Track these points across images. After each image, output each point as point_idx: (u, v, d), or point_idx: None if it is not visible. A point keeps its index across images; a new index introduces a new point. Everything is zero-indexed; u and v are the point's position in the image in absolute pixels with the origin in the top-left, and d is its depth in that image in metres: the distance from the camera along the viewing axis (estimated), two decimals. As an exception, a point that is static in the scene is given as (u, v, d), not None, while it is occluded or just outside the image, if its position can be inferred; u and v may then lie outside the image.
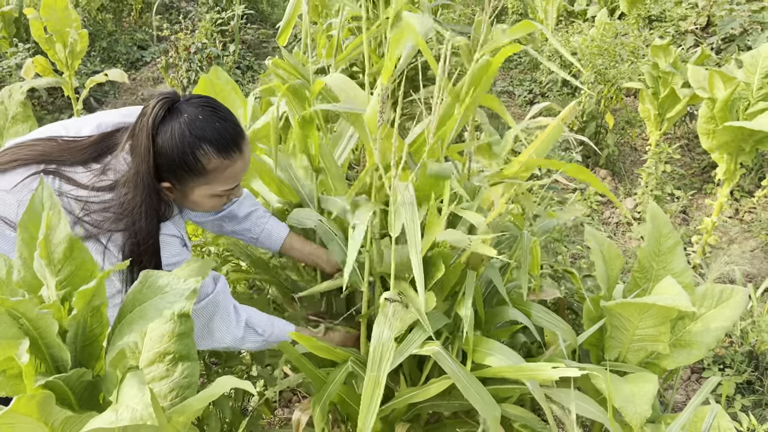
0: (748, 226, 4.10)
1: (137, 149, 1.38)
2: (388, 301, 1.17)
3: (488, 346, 1.29)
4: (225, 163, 1.40)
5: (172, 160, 1.37)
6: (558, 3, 5.94)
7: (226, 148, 1.40)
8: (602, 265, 1.63)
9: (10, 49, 4.92)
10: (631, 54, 4.70)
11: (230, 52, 5.89)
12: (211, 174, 1.41)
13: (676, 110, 4.12)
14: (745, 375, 2.74)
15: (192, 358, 1.18)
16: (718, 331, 1.59)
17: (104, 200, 1.38)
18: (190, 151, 1.37)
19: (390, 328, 1.12)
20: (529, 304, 1.44)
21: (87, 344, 1.01)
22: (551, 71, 5.66)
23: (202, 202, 1.48)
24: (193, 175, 1.40)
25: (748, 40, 5.68)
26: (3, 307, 0.78)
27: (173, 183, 1.42)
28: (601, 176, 4.65)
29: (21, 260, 0.92)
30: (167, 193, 1.44)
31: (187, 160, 1.37)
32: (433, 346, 1.19)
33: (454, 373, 1.19)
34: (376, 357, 1.14)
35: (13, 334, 0.80)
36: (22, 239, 0.92)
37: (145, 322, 0.90)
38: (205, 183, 1.42)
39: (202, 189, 1.44)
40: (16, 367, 1.01)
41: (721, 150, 3.31)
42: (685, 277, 1.59)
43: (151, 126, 1.36)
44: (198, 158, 1.38)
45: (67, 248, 0.89)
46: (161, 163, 1.38)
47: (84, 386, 1.04)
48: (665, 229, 1.66)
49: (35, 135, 1.51)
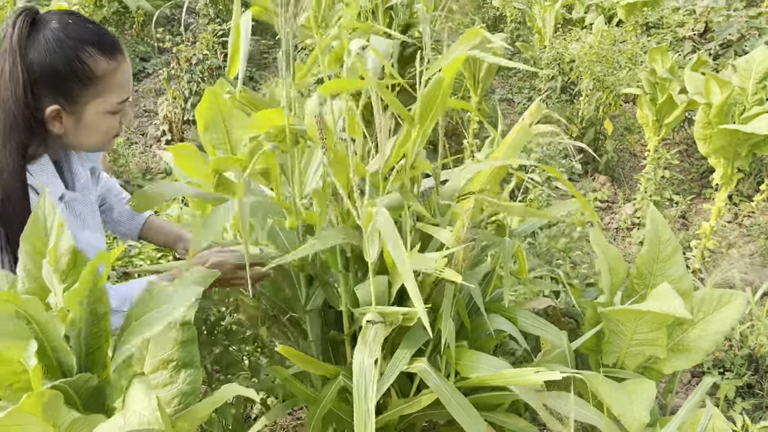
0: (747, 230, 4.12)
1: (4, 67, 1.21)
2: (370, 324, 1.15)
3: (474, 358, 1.30)
4: (112, 65, 1.27)
5: (55, 71, 1.22)
6: (556, 11, 5.98)
7: (110, 49, 1.28)
8: (606, 272, 1.64)
9: None
10: (629, 61, 4.74)
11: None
12: (101, 81, 1.26)
13: (674, 116, 4.15)
14: (744, 378, 2.76)
15: (195, 365, 1.20)
16: (717, 335, 1.60)
17: None
18: (74, 54, 1.22)
19: (370, 354, 1.11)
20: (514, 310, 1.44)
21: (91, 351, 1.04)
22: (550, 78, 5.70)
23: (98, 124, 1.31)
24: (82, 85, 1.25)
25: (745, 45, 5.71)
26: (13, 306, 0.81)
27: (62, 104, 1.25)
28: (601, 182, 4.68)
29: (25, 272, 0.95)
30: (56, 123, 1.27)
31: (73, 67, 1.22)
32: (420, 364, 1.20)
33: (440, 389, 1.20)
34: (360, 387, 1.11)
35: (23, 334, 0.83)
36: (25, 251, 0.95)
37: (150, 330, 0.93)
38: (96, 95, 1.27)
39: (96, 103, 1.28)
40: (23, 381, 1.04)
41: (717, 154, 3.34)
42: (684, 283, 1.60)
43: (17, 41, 1.20)
44: (84, 61, 1.23)
45: (71, 260, 0.92)
46: (42, 81, 1.22)
47: (90, 392, 1.06)
48: (665, 235, 1.67)
49: None
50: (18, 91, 1.20)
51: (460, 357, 1.32)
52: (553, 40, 5.82)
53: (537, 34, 6.24)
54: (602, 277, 1.64)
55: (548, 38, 5.98)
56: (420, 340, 1.26)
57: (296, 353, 1.32)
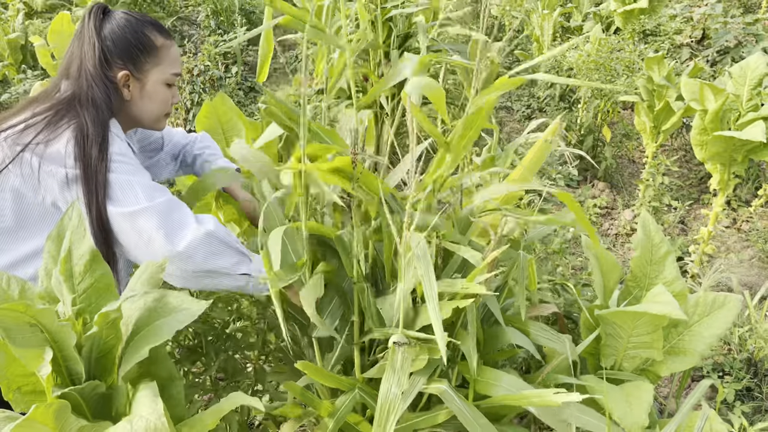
0: (746, 235, 4.15)
1: (81, 48, 1.51)
2: (397, 345, 1.14)
3: (490, 376, 1.31)
4: (168, 42, 1.60)
5: (126, 41, 1.52)
6: (554, 19, 6.03)
7: (165, 30, 1.61)
8: (599, 276, 1.67)
9: (17, 75, 5.02)
10: (627, 68, 4.78)
11: (233, 73, 5.99)
12: (159, 52, 1.57)
13: (671, 122, 4.19)
14: (744, 382, 2.78)
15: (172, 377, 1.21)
16: (712, 338, 1.63)
17: (46, 116, 1.45)
18: (140, 29, 1.54)
19: (398, 384, 1.10)
20: (527, 323, 1.45)
21: (101, 356, 1.07)
22: (549, 86, 5.74)
23: (156, 93, 1.59)
24: (146, 53, 1.55)
25: (742, 52, 5.76)
26: (27, 316, 0.84)
27: (130, 70, 1.54)
28: (600, 188, 4.71)
29: (45, 272, 0.98)
30: (124, 90, 1.54)
31: (140, 38, 1.54)
32: (440, 385, 1.21)
33: (460, 411, 1.20)
34: (382, 415, 1.11)
35: (39, 342, 0.85)
36: (48, 252, 0.98)
37: (159, 339, 0.95)
38: (156, 63, 1.57)
39: (156, 71, 1.57)
40: (31, 384, 1.07)
41: (714, 160, 3.37)
42: (677, 285, 1.64)
43: (94, 23, 1.51)
44: (147, 35, 1.55)
45: (89, 261, 0.95)
46: (115, 50, 1.51)
47: (97, 398, 1.09)
48: (657, 238, 1.71)
49: None
50: (96, 61, 1.49)
51: (480, 374, 1.32)
52: (551, 48, 5.87)
53: (535, 42, 6.29)
54: (596, 280, 1.67)
55: (547, 46, 6.03)
56: (437, 361, 1.25)
57: (315, 368, 1.32)
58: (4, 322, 0.84)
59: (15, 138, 1.42)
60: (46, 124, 1.43)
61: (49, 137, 1.41)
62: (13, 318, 0.83)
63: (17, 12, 6.56)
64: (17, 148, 1.40)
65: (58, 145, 1.40)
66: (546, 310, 1.71)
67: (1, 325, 0.84)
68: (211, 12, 6.64)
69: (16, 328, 0.84)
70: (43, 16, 6.88)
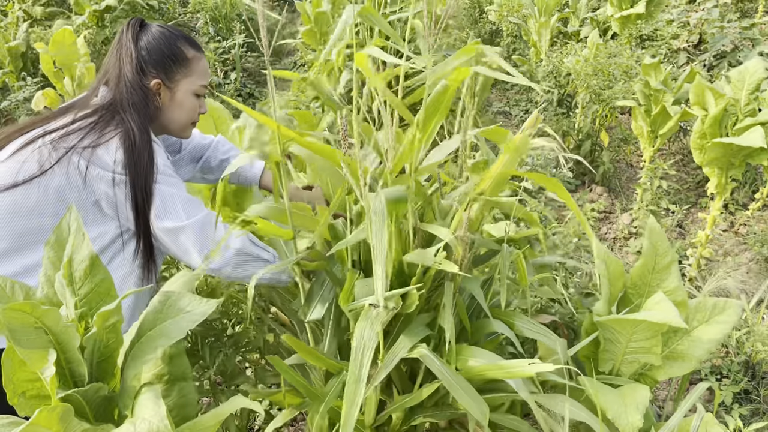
0: (743, 238, 4.16)
1: (119, 57, 1.63)
2: (372, 307, 1.20)
3: (470, 353, 1.33)
4: (198, 55, 1.71)
5: (160, 51, 1.64)
6: (552, 25, 6.06)
7: (196, 44, 1.72)
8: (606, 283, 1.67)
9: (17, 82, 5.04)
10: (624, 73, 4.80)
11: (232, 80, 6.02)
12: (190, 64, 1.69)
13: (668, 127, 4.21)
14: (741, 384, 2.79)
15: (186, 377, 1.23)
16: (710, 343, 1.63)
17: (91, 121, 1.56)
18: (174, 41, 1.66)
19: (371, 327, 1.14)
20: (512, 314, 1.48)
21: (102, 360, 1.08)
22: (547, 91, 5.76)
23: (185, 102, 1.70)
24: (178, 64, 1.67)
25: (739, 56, 5.78)
26: (32, 317, 0.85)
27: (162, 79, 1.65)
28: (598, 193, 4.73)
29: (46, 277, 1.00)
30: (156, 93, 1.65)
31: (173, 49, 1.65)
32: (421, 349, 1.23)
33: (441, 372, 1.23)
34: (357, 354, 1.14)
35: (43, 344, 0.87)
36: (48, 258, 1.00)
37: (168, 340, 0.96)
38: (187, 74, 1.68)
39: (187, 82, 1.69)
40: (35, 389, 1.08)
41: (712, 165, 3.39)
42: (679, 293, 1.63)
43: (132, 34, 1.64)
44: (179, 47, 1.67)
45: (89, 266, 0.96)
46: (150, 60, 1.63)
47: (100, 401, 1.10)
48: (662, 247, 1.70)
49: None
50: (133, 69, 1.61)
51: (459, 353, 1.35)
52: (549, 53, 5.90)
53: (533, 47, 6.32)
54: (602, 287, 1.67)
55: (544, 52, 6.06)
56: (420, 334, 1.30)
57: (301, 344, 1.36)
58: (10, 323, 0.85)
59: (58, 141, 1.51)
60: (90, 129, 1.54)
61: (96, 141, 1.52)
62: (18, 319, 0.85)
63: (17, 20, 6.59)
64: (62, 151, 1.50)
65: (107, 150, 1.52)
66: (544, 320, 1.72)
67: (8, 327, 0.85)
68: (210, 19, 6.67)
69: (21, 330, 0.85)
70: (43, 24, 6.91)
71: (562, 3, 7.11)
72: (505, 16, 6.81)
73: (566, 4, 7.21)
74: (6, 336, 0.87)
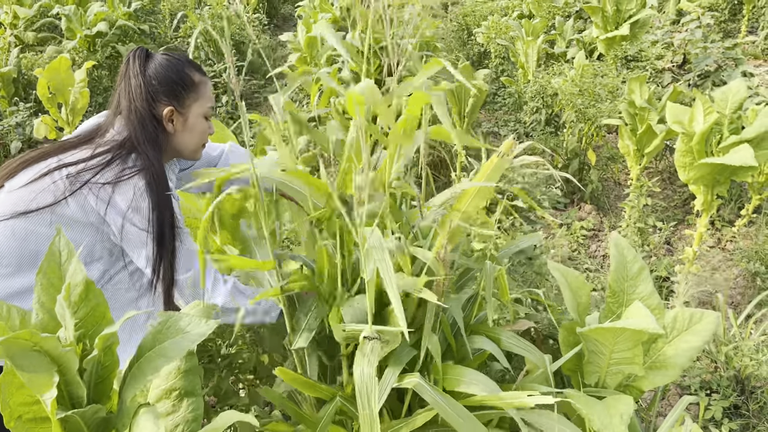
0: (730, 254, 4.22)
1: (128, 88, 1.66)
2: (367, 340, 1.22)
3: (459, 373, 1.36)
4: (204, 78, 1.77)
5: (169, 79, 1.68)
6: (538, 46, 6.16)
7: (200, 68, 1.78)
8: (569, 294, 1.73)
9: (9, 108, 5.07)
10: (610, 93, 4.89)
11: (223, 103, 6.07)
12: (198, 87, 1.73)
13: (654, 145, 4.28)
14: (731, 399, 2.82)
15: (197, 393, 1.26)
16: (691, 351, 1.68)
17: (109, 158, 1.60)
18: (181, 68, 1.71)
19: (369, 364, 1.17)
20: (497, 331, 1.51)
21: (100, 381, 1.10)
22: (535, 111, 5.85)
23: (196, 125, 1.75)
24: (188, 89, 1.71)
25: (722, 75, 5.90)
26: (31, 343, 0.88)
27: (174, 106, 1.69)
28: (587, 211, 4.78)
29: (39, 304, 1.02)
30: (169, 123, 1.69)
31: (181, 76, 1.70)
32: (413, 378, 1.25)
33: (435, 401, 1.25)
34: (363, 395, 1.17)
35: (46, 368, 0.89)
36: (41, 284, 1.02)
37: (167, 360, 0.99)
38: (196, 98, 1.73)
39: (197, 106, 1.73)
40: (32, 412, 1.10)
41: (697, 182, 3.45)
42: (653, 300, 1.69)
43: (139, 65, 1.67)
44: (187, 73, 1.71)
45: (83, 291, 0.99)
46: (160, 89, 1.67)
47: (98, 423, 1.12)
48: (629, 255, 1.76)
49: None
50: (143, 100, 1.65)
51: (447, 372, 1.38)
52: (536, 74, 5.99)
53: (521, 68, 6.41)
54: (565, 298, 1.73)
55: (532, 73, 6.15)
56: (405, 358, 1.32)
57: (294, 375, 1.37)
58: (10, 350, 0.88)
59: (75, 177, 1.56)
60: (107, 165, 1.58)
61: (115, 180, 1.56)
62: (18, 345, 0.88)
63: (8, 45, 6.64)
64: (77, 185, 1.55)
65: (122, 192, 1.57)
66: (523, 326, 1.76)
67: (7, 353, 0.88)
68: (201, 42, 6.74)
69: (21, 354, 0.88)
70: (34, 49, 6.96)
71: (548, 25, 7.24)
72: (493, 38, 6.92)
73: (553, 26, 7.33)
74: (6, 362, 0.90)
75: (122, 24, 6.88)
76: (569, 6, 7.93)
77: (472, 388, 1.32)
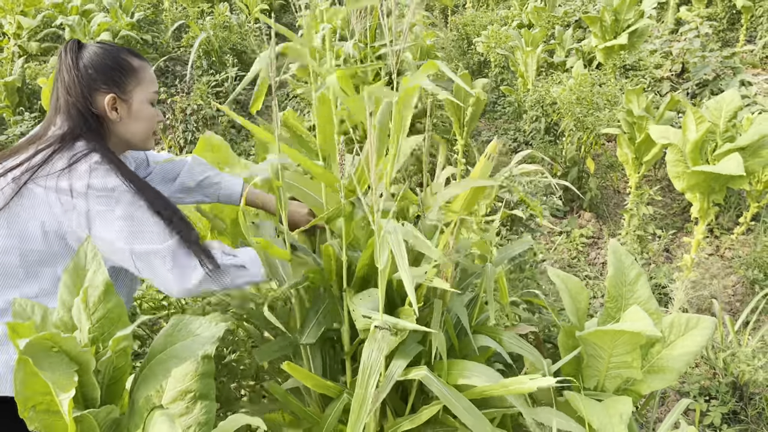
0: (729, 262, 4.25)
1: (64, 82, 1.59)
2: (378, 329, 1.24)
3: (463, 367, 1.39)
4: (143, 63, 1.69)
5: (105, 66, 1.61)
6: (538, 55, 6.22)
7: (139, 55, 1.71)
8: (569, 299, 1.77)
9: (13, 117, 5.12)
10: (608, 102, 4.94)
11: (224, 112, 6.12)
12: (138, 72, 1.66)
13: (653, 153, 4.32)
14: (729, 405, 2.84)
15: (211, 396, 1.29)
16: (688, 356, 1.71)
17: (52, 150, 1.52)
18: (116, 54, 1.64)
19: (378, 349, 1.19)
20: (499, 331, 1.55)
21: (113, 383, 1.13)
22: (534, 120, 5.90)
23: (142, 111, 1.67)
24: (127, 74, 1.64)
25: (720, 84, 5.95)
26: (50, 343, 0.91)
27: (116, 92, 1.61)
28: (586, 219, 4.82)
29: (61, 302, 1.05)
30: (113, 112, 1.62)
31: (119, 61, 1.63)
32: (420, 371, 1.29)
33: (442, 393, 1.28)
34: (365, 374, 1.18)
35: (66, 368, 0.92)
36: (65, 285, 1.06)
37: (178, 362, 1.02)
38: (138, 83, 1.66)
39: (139, 91, 1.66)
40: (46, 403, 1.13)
41: (693, 190, 3.49)
42: (651, 304, 1.73)
43: (71, 58, 1.60)
44: (124, 58, 1.65)
45: (103, 292, 1.02)
46: (97, 77, 1.60)
47: (110, 423, 1.15)
48: (627, 261, 1.80)
49: None
50: (80, 92, 1.58)
51: (452, 367, 1.40)
52: (535, 83, 6.05)
53: (520, 78, 6.47)
54: (565, 303, 1.77)
55: (531, 82, 6.21)
56: (412, 352, 1.35)
57: (301, 370, 1.39)
58: (32, 350, 0.91)
59: (19, 177, 1.47)
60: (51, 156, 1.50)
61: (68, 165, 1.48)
62: (41, 345, 0.91)
63: (12, 55, 6.69)
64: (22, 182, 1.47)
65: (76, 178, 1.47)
66: (523, 330, 1.79)
67: (29, 352, 0.91)
68: (203, 52, 6.80)
69: (43, 355, 0.91)
70: (38, 59, 7.02)
71: (548, 35, 7.31)
72: (493, 47, 6.98)
73: (552, 35, 7.40)
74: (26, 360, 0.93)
75: (125, 34, 6.95)
76: (568, 16, 8.00)
77: (476, 380, 1.34)
